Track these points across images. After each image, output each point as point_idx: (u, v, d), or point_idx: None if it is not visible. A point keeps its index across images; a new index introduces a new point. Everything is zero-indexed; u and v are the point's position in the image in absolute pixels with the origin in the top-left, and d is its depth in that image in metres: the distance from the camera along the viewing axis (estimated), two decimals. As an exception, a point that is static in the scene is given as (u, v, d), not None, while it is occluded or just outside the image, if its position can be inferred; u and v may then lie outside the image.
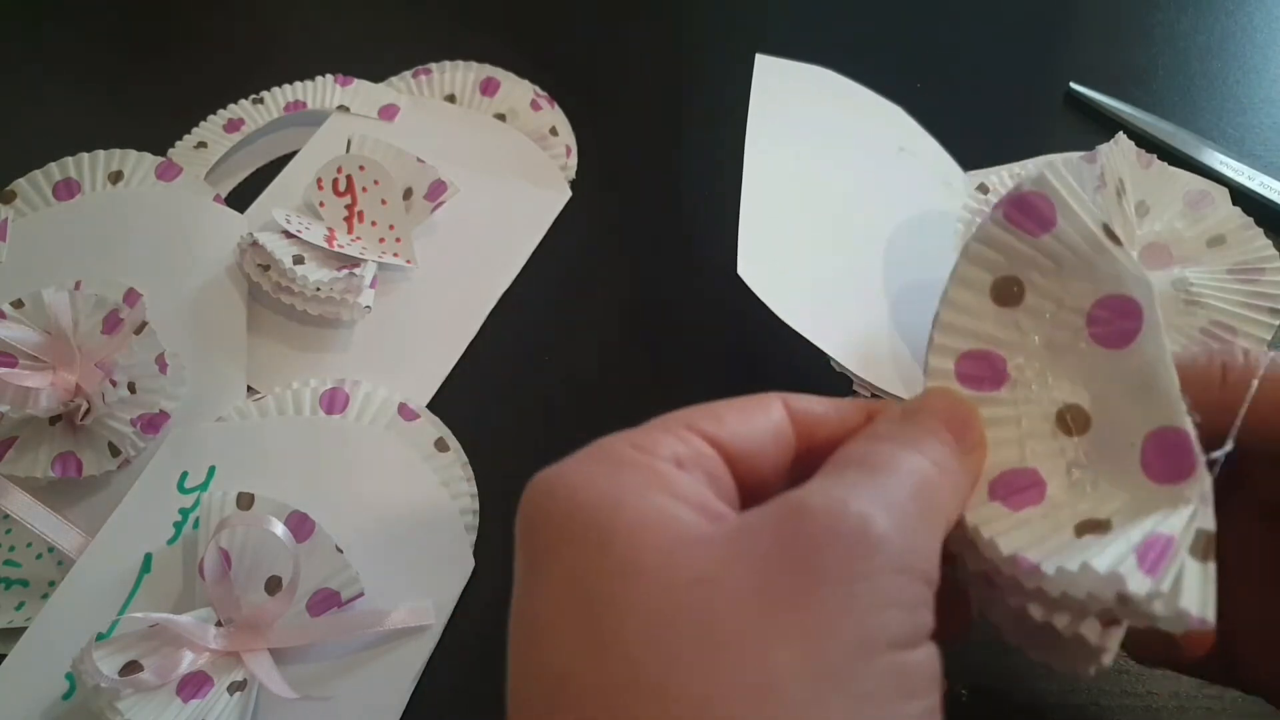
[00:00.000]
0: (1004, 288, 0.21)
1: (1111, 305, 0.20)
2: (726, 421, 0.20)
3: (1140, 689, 0.32)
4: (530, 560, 0.18)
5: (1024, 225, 0.20)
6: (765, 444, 0.20)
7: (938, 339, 0.21)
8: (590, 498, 0.18)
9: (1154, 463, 0.19)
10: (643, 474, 0.18)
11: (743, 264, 0.35)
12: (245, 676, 0.30)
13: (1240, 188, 0.43)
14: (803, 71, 0.44)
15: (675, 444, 0.19)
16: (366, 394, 0.37)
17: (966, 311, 0.21)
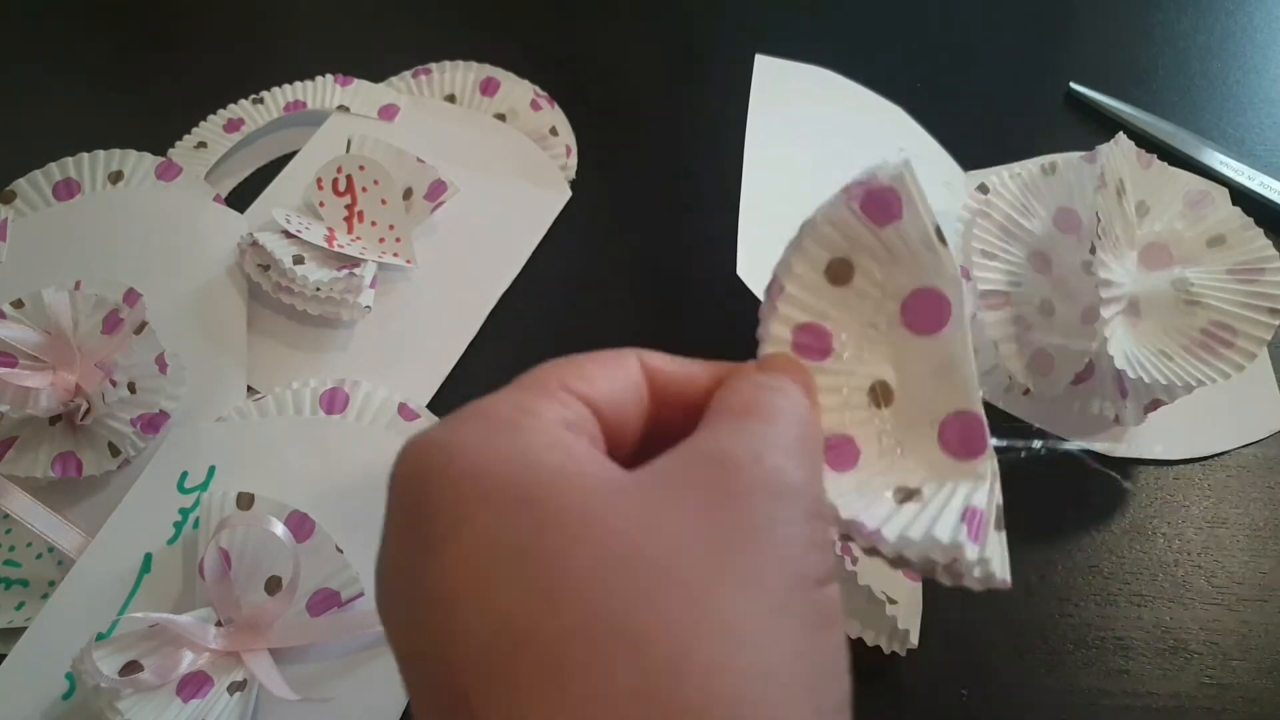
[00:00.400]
0: (838, 268, 0.22)
1: (926, 297, 0.22)
2: (595, 382, 0.20)
3: (1140, 689, 0.32)
4: (425, 529, 0.17)
5: (872, 214, 0.22)
6: (629, 401, 0.21)
7: (781, 308, 0.22)
8: (493, 457, 0.18)
9: (951, 440, 0.22)
10: (539, 436, 0.18)
11: (742, 265, 0.35)
12: (245, 676, 0.30)
13: (1240, 188, 0.43)
14: (802, 72, 0.44)
15: (559, 408, 0.19)
16: (366, 394, 0.37)
17: (805, 285, 0.22)
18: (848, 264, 0.22)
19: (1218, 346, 0.33)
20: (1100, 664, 0.33)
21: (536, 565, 0.16)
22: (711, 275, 0.40)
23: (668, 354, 0.22)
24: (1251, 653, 0.33)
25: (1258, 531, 0.36)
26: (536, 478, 0.17)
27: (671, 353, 0.40)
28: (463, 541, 0.17)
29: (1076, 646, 0.33)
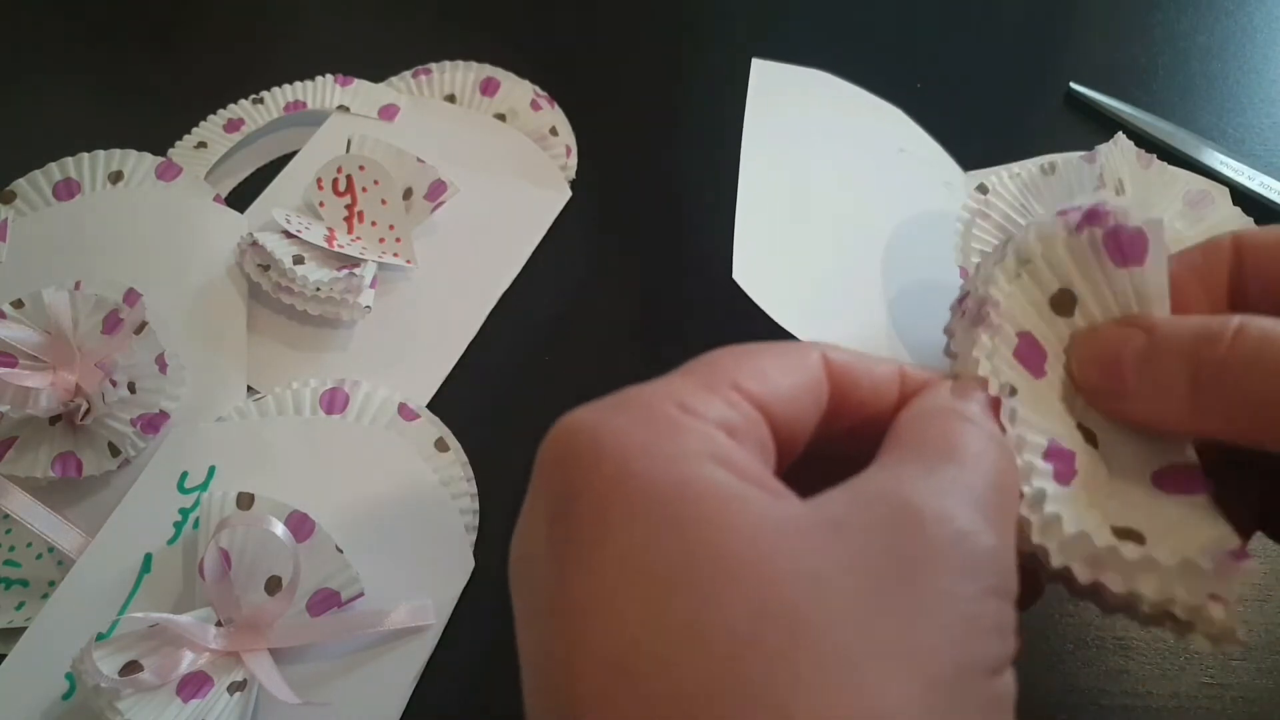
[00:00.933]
0: (1062, 299, 0.21)
1: None
2: (771, 379, 0.18)
3: (1140, 689, 0.32)
4: (570, 524, 0.16)
5: (1114, 254, 0.21)
6: (806, 404, 0.19)
7: (1005, 305, 0.21)
8: (647, 467, 0.16)
9: (1166, 483, 0.20)
10: (699, 442, 0.16)
11: (738, 269, 0.35)
12: (245, 676, 0.30)
13: (1240, 188, 0.43)
14: (800, 75, 0.44)
15: (725, 409, 0.17)
16: (366, 394, 0.37)
17: (1029, 300, 0.21)
18: (1073, 297, 0.21)
19: (1218, 346, 0.33)
20: (1100, 664, 0.33)
21: (681, 601, 0.15)
22: (711, 275, 0.40)
23: (854, 351, 0.20)
24: (1251, 653, 0.33)
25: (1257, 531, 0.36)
26: (695, 496, 0.16)
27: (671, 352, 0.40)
28: (606, 554, 0.15)
29: (1076, 646, 0.33)
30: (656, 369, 0.40)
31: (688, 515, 0.15)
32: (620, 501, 0.16)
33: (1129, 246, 0.20)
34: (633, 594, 0.15)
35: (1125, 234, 0.20)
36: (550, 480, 0.17)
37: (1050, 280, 0.21)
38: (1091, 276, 0.21)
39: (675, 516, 0.15)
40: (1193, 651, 0.33)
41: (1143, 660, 0.33)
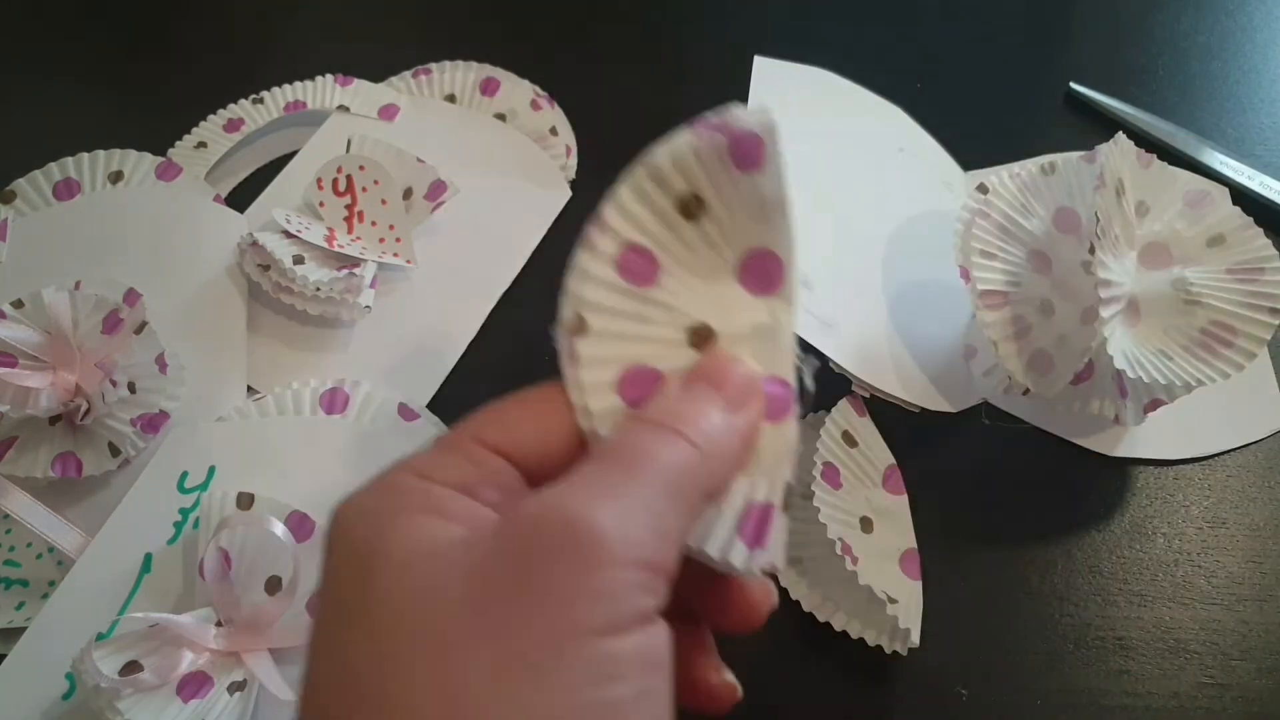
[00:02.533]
0: (690, 201, 0.22)
1: (764, 257, 0.22)
2: (517, 429, 0.21)
3: (1140, 689, 0.32)
4: (323, 582, 0.19)
5: (738, 160, 0.21)
6: (556, 444, 0.21)
7: (613, 221, 0.21)
8: (360, 528, 0.19)
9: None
10: (414, 499, 0.19)
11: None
12: (245, 676, 0.30)
13: (1240, 188, 0.43)
14: (802, 73, 0.44)
15: (462, 465, 0.20)
16: (366, 394, 0.37)
17: (649, 206, 0.22)
18: (700, 200, 0.22)
19: (1217, 346, 0.33)
20: (1100, 664, 0.33)
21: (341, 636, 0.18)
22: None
23: None
24: (1251, 653, 0.33)
25: (1258, 531, 0.36)
26: (380, 548, 0.18)
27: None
28: (323, 601, 0.18)
29: (1076, 646, 0.33)
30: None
31: (374, 562, 0.18)
32: (339, 559, 0.19)
33: (748, 151, 0.21)
34: (327, 634, 0.18)
35: (744, 138, 0.21)
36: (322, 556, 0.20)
37: (680, 186, 0.21)
38: (720, 183, 0.21)
39: (366, 566, 0.18)
40: (1193, 651, 0.33)
41: (1143, 660, 0.33)
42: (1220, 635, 0.33)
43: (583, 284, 0.21)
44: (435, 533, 0.18)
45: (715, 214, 0.22)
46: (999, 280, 0.35)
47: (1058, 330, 0.34)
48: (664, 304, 0.21)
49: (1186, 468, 0.37)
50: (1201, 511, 0.36)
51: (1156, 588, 0.34)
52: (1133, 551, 0.35)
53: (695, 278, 0.22)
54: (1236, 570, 0.35)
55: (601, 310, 0.21)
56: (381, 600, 0.17)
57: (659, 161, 0.22)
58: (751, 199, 0.21)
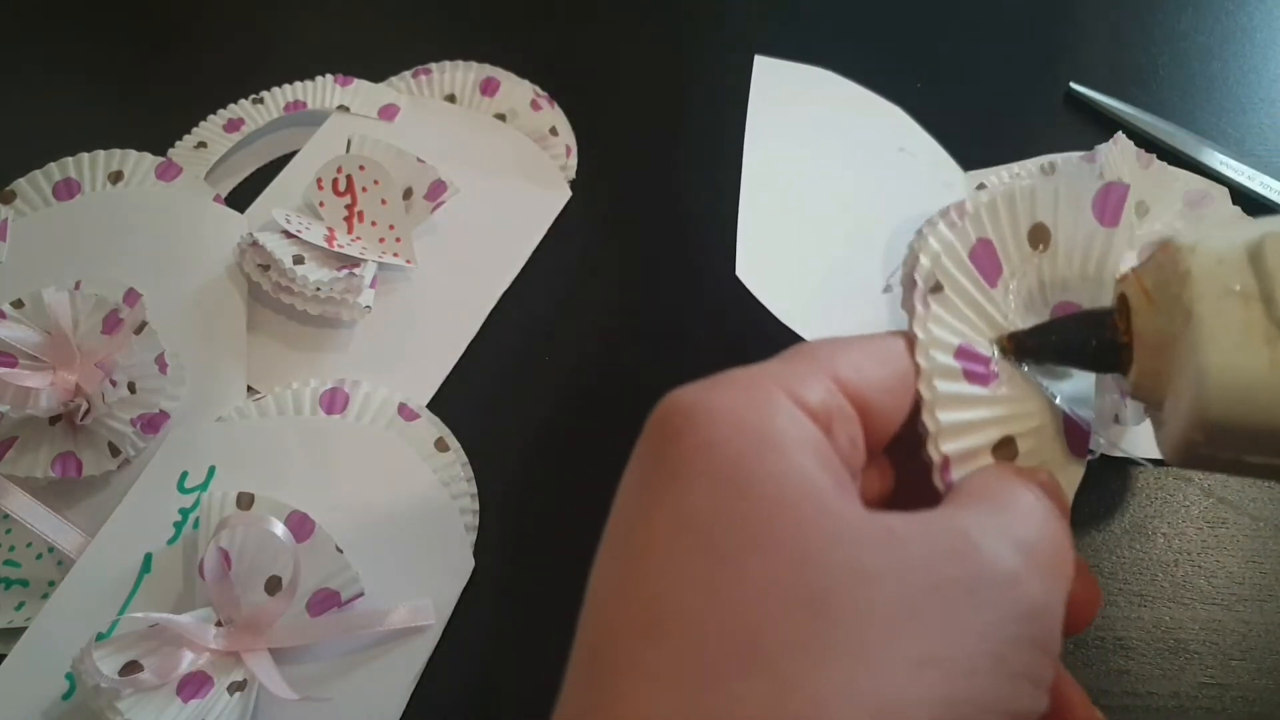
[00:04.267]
0: (1039, 234, 0.22)
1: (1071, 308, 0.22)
2: (866, 372, 0.19)
3: (1140, 689, 0.32)
4: (651, 480, 0.17)
5: (1100, 212, 0.22)
6: (899, 396, 0.20)
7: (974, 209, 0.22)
8: (733, 433, 0.17)
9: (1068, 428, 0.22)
10: (793, 425, 0.17)
11: (741, 266, 0.35)
12: (245, 676, 0.30)
13: (1240, 188, 0.43)
14: (802, 73, 0.44)
15: (825, 396, 0.18)
16: (366, 394, 0.37)
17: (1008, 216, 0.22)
18: (1048, 233, 0.22)
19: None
20: (1100, 664, 0.33)
21: (716, 565, 0.16)
22: (712, 275, 0.40)
23: None
24: (1251, 653, 0.33)
25: (1258, 531, 0.36)
26: (765, 475, 0.16)
27: (671, 352, 0.40)
28: (665, 511, 0.17)
29: (1076, 646, 0.33)
30: (656, 369, 0.41)
31: (753, 492, 0.16)
32: (700, 459, 0.17)
33: (1115, 206, 0.22)
34: (676, 550, 0.16)
35: (1116, 192, 0.22)
36: (646, 443, 0.18)
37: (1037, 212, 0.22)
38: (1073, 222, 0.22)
39: (739, 490, 0.16)
40: (1193, 651, 0.33)
41: (1143, 660, 0.33)
42: (1220, 635, 0.33)
43: (943, 254, 0.21)
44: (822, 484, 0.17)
45: (1056, 255, 0.22)
46: (999, 280, 0.35)
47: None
48: (997, 304, 0.22)
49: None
50: (1201, 511, 0.36)
51: (1156, 588, 0.34)
52: (1133, 551, 0.35)
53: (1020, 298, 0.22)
54: (1236, 570, 0.35)
55: (952, 283, 0.21)
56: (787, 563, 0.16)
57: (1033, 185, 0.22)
58: (1093, 253, 0.22)
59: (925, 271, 0.21)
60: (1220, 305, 0.18)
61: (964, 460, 0.20)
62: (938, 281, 0.21)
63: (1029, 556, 0.17)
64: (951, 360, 0.21)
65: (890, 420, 0.20)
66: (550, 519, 0.36)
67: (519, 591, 0.35)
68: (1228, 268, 0.18)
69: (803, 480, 0.17)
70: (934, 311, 0.21)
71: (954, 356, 0.21)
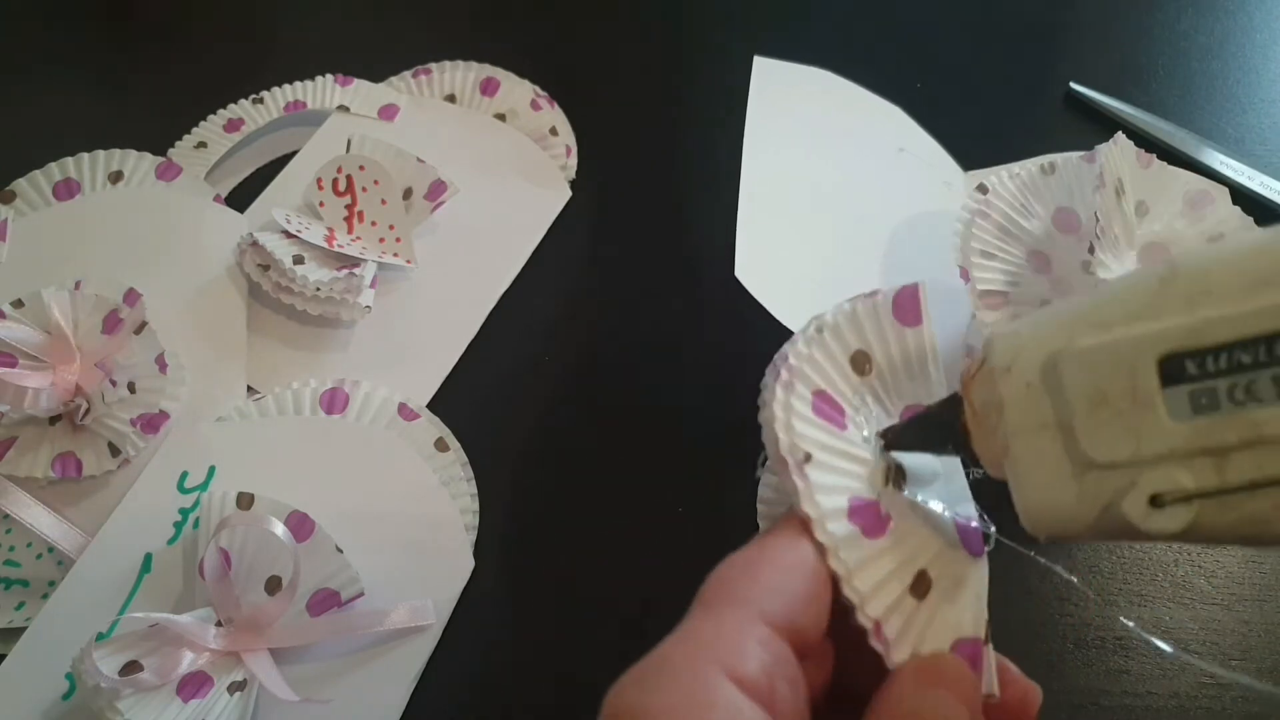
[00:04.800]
0: (858, 358, 0.23)
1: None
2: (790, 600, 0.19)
3: (1140, 689, 0.32)
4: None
5: (901, 316, 0.23)
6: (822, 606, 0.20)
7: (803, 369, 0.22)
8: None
9: (962, 534, 0.23)
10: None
11: (740, 267, 0.35)
12: (245, 676, 0.30)
13: (1240, 188, 0.43)
14: (801, 73, 0.44)
15: (761, 656, 0.18)
16: (366, 394, 0.37)
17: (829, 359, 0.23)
18: (867, 357, 0.23)
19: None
20: (1100, 664, 0.33)
21: None
22: (711, 275, 0.40)
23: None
24: (1251, 653, 0.33)
25: (1258, 531, 0.36)
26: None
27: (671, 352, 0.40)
28: None
29: (1076, 646, 0.33)
30: (656, 369, 0.40)
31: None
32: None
33: (910, 308, 0.23)
34: None
35: (907, 295, 0.23)
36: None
37: (850, 342, 0.23)
38: (886, 338, 0.23)
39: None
40: (1193, 651, 0.33)
41: (1143, 660, 0.33)
42: (1220, 635, 0.33)
43: (794, 421, 0.22)
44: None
45: (881, 372, 0.23)
46: (999, 280, 0.35)
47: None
48: (858, 444, 0.22)
49: (1186, 468, 0.37)
50: (1201, 511, 0.36)
51: (1156, 588, 0.34)
52: (1133, 551, 0.35)
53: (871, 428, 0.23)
54: (1236, 570, 0.35)
55: (816, 445, 0.22)
56: None
57: (835, 319, 0.23)
58: (910, 353, 0.23)
59: (788, 446, 0.21)
60: (1031, 442, 0.19)
61: (890, 613, 0.21)
62: (805, 452, 0.21)
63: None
64: (848, 525, 0.21)
65: (819, 622, 0.20)
66: (550, 519, 0.36)
67: (519, 591, 0.35)
68: (1034, 394, 0.19)
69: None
70: (813, 482, 0.21)
71: (848, 519, 0.21)
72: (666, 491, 0.36)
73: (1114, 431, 0.18)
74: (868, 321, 0.23)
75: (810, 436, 0.22)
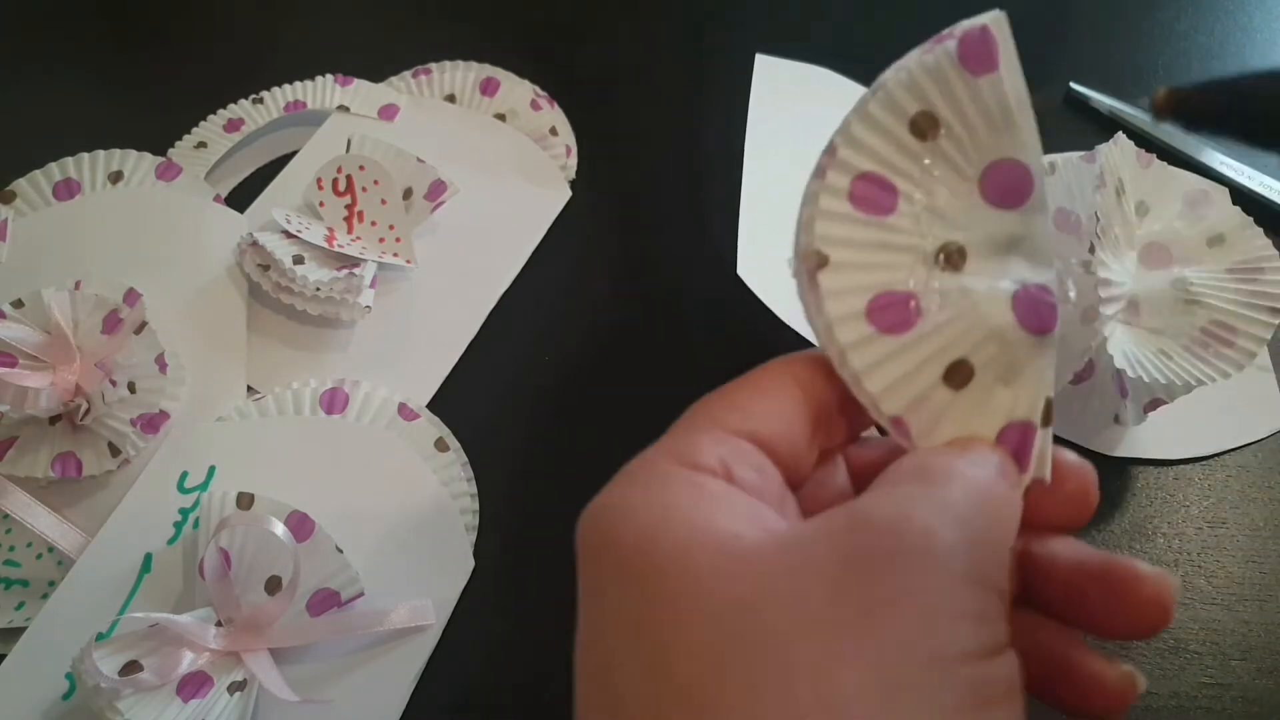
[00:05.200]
0: (922, 121, 0.20)
1: (1008, 169, 0.20)
2: (753, 412, 0.19)
3: (1140, 689, 0.32)
4: (588, 592, 0.18)
5: (969, 63, 0.20)
6: (794, 422, 0.19)
7: (842, 153, 0.20)
8: (634, 525, 0.17)
9: (1022, 314, 0.20)
10: (688, 492, 0.18)
11: (742, 265, 0.35)
12: (245, 676, 0.30)
13: (1240, 188, 0.43)
14: (803, 72, 0.44)
15: (716, 447, 0.18)
16: (366, 394, 0.37)
17: (879, 131, 0.20)
18: (933, 118, 0.20)
19: (1218, 346, 0.33)
20: (1100, 664, 0.33)
21: (647, 644, 0.16)
22: (712, 275, 0.40)
23: (815, 355, 0.21)
24: (1251, 653, 0.33)
25: (1257, 532, 0.36)
26: (664, 546, 0.17)
27: (671, 352, 0.40)
28: (592, 618, 0.17)
29: (1076, 646, 0.33)
30: (657, 368, 0.40)
31: (656, 564, 0.17)
32: (614, 560, 0.17)
33: (983, 53, 0.20)
34: (620, 641, 0.17)
35: (977, 39, 0.20)
36: (579, 560, 0.18)
37: (910, 106, 0.20)
38: (955, 94, 0.20)
39: (650, 566, 0.17)
40: (1193, 651, 0.33)
41: (1142, 660, 0.33)
42: (1220, 635, 0.33)
43: (816, 219, 0.20)
44: (730, 528, 0.17)
45: (952, 130, 0.20)
46: (999, 280, 0.35)
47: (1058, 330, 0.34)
48: (906, 230, 0.20)
49: (1186, 468, 0.37)
50: (1201, 511, 0.36)
51: (1156, 588, 0.34)
52: (1133, 551, 0.35)
53: (937, 199, 0.20)
54: (1236, 570, 0.35)
55: (840, 243, 0.20)
56: (701, 613, 0.16)
57: (886, 83, 0.20)
58: (990, 105, 0.20)
59: (803, 249, 0.20)
60: None
61: (916, 408, 0.19)
62: (821, 256, 0.20)
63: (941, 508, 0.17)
64: (864, 327, 0.20)
65: (797, 445, 0.20)
66: (550, 519, 0.36)
67: (519, 591, 0.35)
68: None
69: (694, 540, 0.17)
70: (825, 288, 0.20)
71: (867, 319, 0.20)
72: (666, 491, 0.36)
73: None
74: (927, 79, 0.20)
75: (834, 235, 0.20)
